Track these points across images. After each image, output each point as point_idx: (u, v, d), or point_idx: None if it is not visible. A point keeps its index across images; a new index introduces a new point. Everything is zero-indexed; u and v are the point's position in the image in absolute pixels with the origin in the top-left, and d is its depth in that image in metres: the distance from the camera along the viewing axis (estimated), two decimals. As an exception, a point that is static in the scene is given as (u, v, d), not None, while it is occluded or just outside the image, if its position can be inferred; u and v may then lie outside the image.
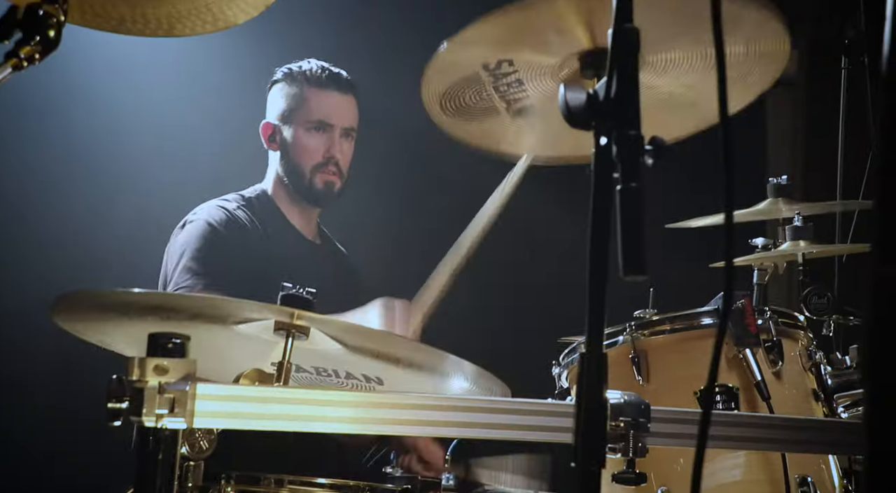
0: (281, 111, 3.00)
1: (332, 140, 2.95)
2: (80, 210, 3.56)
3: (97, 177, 3.59)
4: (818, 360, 2.37)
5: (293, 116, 2.97)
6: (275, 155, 3.03)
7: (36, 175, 3.52)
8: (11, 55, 1.52)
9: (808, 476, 2.17)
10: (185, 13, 1.66)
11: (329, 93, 2.96)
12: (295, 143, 2.96)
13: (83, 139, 3.59)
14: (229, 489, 1.86)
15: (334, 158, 2.95)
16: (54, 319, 1.83)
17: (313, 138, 2.95)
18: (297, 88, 2.98)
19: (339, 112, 2.97)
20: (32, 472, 3.42)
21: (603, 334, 1.23)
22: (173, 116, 3.73)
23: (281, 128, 2.98)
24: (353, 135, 3.01)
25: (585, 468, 1.22)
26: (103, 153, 3.60)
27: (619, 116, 1.21)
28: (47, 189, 3.53)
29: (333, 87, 2.96)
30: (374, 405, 1.52)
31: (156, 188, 3.62)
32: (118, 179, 3.62)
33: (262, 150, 3.08)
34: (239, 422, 1.47)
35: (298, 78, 2.99)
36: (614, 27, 1.22)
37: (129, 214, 3.60)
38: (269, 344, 1.96)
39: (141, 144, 3.67)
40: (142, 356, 1.41)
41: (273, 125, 3.01)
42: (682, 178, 3.29)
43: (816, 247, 2.87)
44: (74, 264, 3.42)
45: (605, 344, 2.33)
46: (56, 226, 3.52)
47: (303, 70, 2.99)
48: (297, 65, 3.02)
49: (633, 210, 1.19)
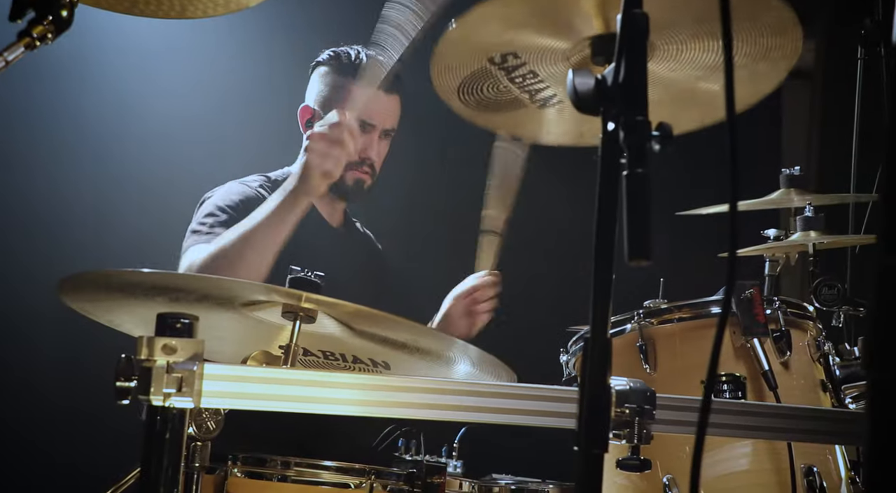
0: (322, 98, 2.89)
1: (370, 140, 2.85)
2: (90, 194, 3.56)
3: (107, 160, 3.59)
4: (827, 351, 2.36)
5: (334, 107, 2.76)
6: None
7: (45, 159, 3.52)
8: (24, 34, 1.53)
9: (813, 466, 2.17)
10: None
11: (375, 92, 2.77)
12: None
13: (93, 123, 3.58)
14: (236, 469, 1.87)
15: (370, 160, 2.86)
16: (62, 299, 1.84)
17: None
18: (341, 78, 2.87)
19: (383, 114, 2.86)
20: (40, 453, 3.44)
21: (608, 320, 1.23)
22: (186, 101, 3.73)
23: (320, 114, 2.85)
24: (391, 135, 2.92)
25: (588, 453, 1.22)
26: (113, 137, 3.60)
27: (626, 101, 1.21)
28: (57, 173, 3.53)
29: (380, 85, 2.72)
30: (378, 388, 1.53)
31: (168, 172, 3.62)
32: (129, 163, 3.62)
33: (284, 137, 3.01)
34: (246, 403, 1.48)
35: (345, 66, 2.87)
36: (623, 12, 1.21)
37: (140, 198, 3.61)
38: (277, 327, 1.97)
39: (153, 128, 3.66)
40: (150, 335, 1.42)
41: (312, 110, 2.90)
42: (693, 164, 3.29)
43: (827, 238, 2.87)
44: (85, 247, 3.44)
45: (613, 332, 2.37)
46: (66, 210, 3.52)
47: (351, 59, 2.87)
48: (343, 50, 2.90)
49: (640, 196, 1.19)
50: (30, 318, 3.38)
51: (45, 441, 3.43)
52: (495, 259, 2.81)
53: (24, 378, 3.42)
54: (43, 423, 3.43)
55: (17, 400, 3.40)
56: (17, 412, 3.40)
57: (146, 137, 3.65)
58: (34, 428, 3.43)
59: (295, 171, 2.48)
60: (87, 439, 3.38)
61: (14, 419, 3.40)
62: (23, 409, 3.41)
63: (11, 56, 1.48)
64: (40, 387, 3.44)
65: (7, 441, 3.39)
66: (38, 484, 3.44)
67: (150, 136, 3.65)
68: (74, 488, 3.22)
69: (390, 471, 1.95)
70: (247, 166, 3.03)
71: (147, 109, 3.65)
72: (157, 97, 3.67)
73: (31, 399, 3.43)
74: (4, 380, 3.39)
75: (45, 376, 3.46)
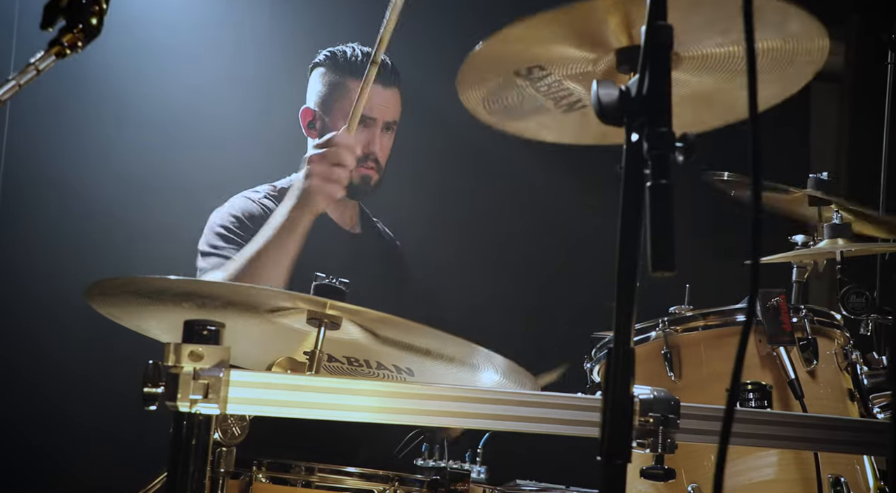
0: (322, 98, 2.92)
1: (372, 135, 2.87)
2: (118, 198, 3.60)
3: (132, 165, 3.63)
4: (854, 359, 2.34)
5: (334, 106, 2.88)
6: (313, 142, 2.96)
7: (75, 164, 3.56)
8: (55, 43, 1.55)
9: (841, 477, 2.15)
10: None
11: (372, 86, 2.75)
12: None
13: (118, 131, 3.63)
14: (260, 475, 1.88)
15: (374, 154, 2.87)
16: (90, 303, 1.86)
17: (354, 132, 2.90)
18: (339, 77, 2.89)
19: (382, 107, 2.87)
20: (69, 455, 3.47)
21: (632, 328, 1.23)
22: (208, 104, 3.76)
23: (321, 115, 2.90)
24: (393, 128, 2.93)
25: (611, 463, 1.22)
26: (138, 142, 3.64)
27: (650, 112, 1.21)
28: (86, 178, 3.57)
29: (378, 79, 2.74)
30: (401, 396, 1.54)
31: (193, 175, 3.65)
32: (154, 168, 3.66)
33: (298, 138, 3.04)
34: (271, 409, 1.50)
35: (342, 65, 2.89)
36: (647, 24, 1.22)
37: (168, 202, 3.64)
38: (302, 333, 1.98)
39: (176, 132, 3.70)
40: (177, 342, 1.43)
41: (313, 112, 2.93)
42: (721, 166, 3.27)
43: (855, 245, 2.84)
44: (115, 252, 3.48)
45: (637, 339, 2.36)
46: (95, 214, 3.57)
47: (347, 57, 2.90)
48: (339, 48, 2.92)
49: (663, 207, 1.19)
50: (55, 321, 3.41)
51: (71, 446, 3.46)
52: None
53: (50, 383, 3.45)
54: (68, 427, 3.46)
55: (43, 405, 3.44)
56: (42, 417, 3.44)
57: (167, 142, 3.68)
58: (62, 433, 3.46)
59: (298, 184, 2.51)
60: (113, 442, 3.41)
61: (39, 425, 3.43)
62: (51, 412, 3.45)
63: (42, 65, 1.51)
64: (65, 391, 3.47)
65: (34, 446, 3.43)
66: (64, 488, 3.48)
67: (170, 141, 3.68)
68: (102, 489, 3.25)
69: (414, 478, 1.95)
70: (276, 168, 3.06)
71: (165, 115, 3.69)
72: (174, 103, 3.70)
73: (61, 400, 3.47)
74: (31, 384, 3.43)
75: (73, 377, 3.49)
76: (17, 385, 3.43)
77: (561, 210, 4.18)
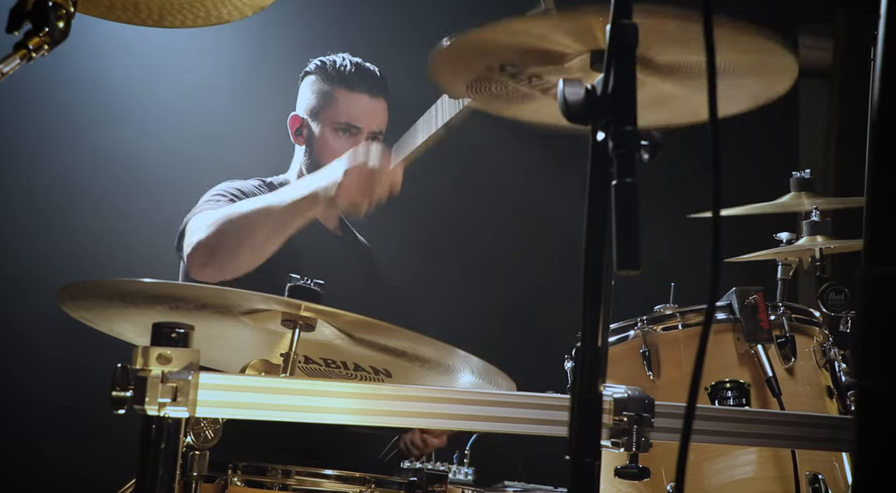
0: (310, 106, 2.95)
1: (358, 143, 2.82)
2: (95, 201, 3.58)
3: (111, 168, 3.61)
4: (833, 357, 2.34)
5: (321, 114, 2.92)
6: (300, 149, 2.98)
7: (49, 166, 3.54)
8: (21, 46, 1.53)
9: (819, 474, 2.15)
10: (178, 6, 1.65)
11: (359, 95, 2.89)
12: (321, 141, 2.92)
13: (93, 130, 3.60)
14: (236, 478, 1.87)
15: None
16: (62, 307, 1.85)
17: (340, 140, 2.89)
18: (327, 86, 2.92)
19: (368, 116, 2.90)
20: (36, 462, 3.45)
21: (599, 327, 1.23)
22: (190, 107, 3.75)
23: (309, 123, 2.94)
24: (380, 137, 2.95)
25: (579, 461, 1.22)
26: (117, 145, 3.62)
27: (615, 111, 1.21)
28: (61, 181, 3.55)
29: (364, 88, 2.89)
30: (376, 397, 1.53)
31: (170, 179, 3.64)
32: (133, 170, 3.65)
33: (282, 144, 3.05)
34: (241, 412, 1.49)
35: (330, 74, 2.92)
36: (612, 23, 1.21)
37: (144, 205, 3.63)
38: (279, 335, 1.97)
39: (155, 136, 3.69)
40: (145, 345, 1.42)
41: (301, 119, 2.96)
42: (707, 165, 3.25)
43: (834, 242, 2.84)
44: (88, 254, 3.45)
45: (616, 339, 2.36)
46: (69, 218, 3.54)
47: (336, 66, 2.93)
48: (330, 58, 2.96)
49: (628, 205, 1.19)
50: (30, 322, 3.39)
51: (45, 448, 3.44)
52: None
53: (24, 384, 3.42)
54: (42, 429, 3.45)
55: (16, 406, 3.42)
56: (17, 417, 3.42)
57: (146, 143, 3.66)
58: (34, 434, 3.44)
59: (323, 183, 2.46)
60: (87, 445, 3.40)
61: (13, 425, 3.41)
62: (19, 417, 3.42)
63: (7, 68, 1.49)
64: (40, 393, 3.45)
65: (6, 447, 3.41)
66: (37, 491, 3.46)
67: (150, 142, 3.67)
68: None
69: (391, 479, 1.95)
70: (245, 174, 3.06)
71: (148, 115, 3.68)
72: (157, 103, 3.69)
73: (28, 407, 3.44)
74: (4, 385, 3.41)
75: (45, 381, 3.47)
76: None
77: (540, 212, 4.18)
